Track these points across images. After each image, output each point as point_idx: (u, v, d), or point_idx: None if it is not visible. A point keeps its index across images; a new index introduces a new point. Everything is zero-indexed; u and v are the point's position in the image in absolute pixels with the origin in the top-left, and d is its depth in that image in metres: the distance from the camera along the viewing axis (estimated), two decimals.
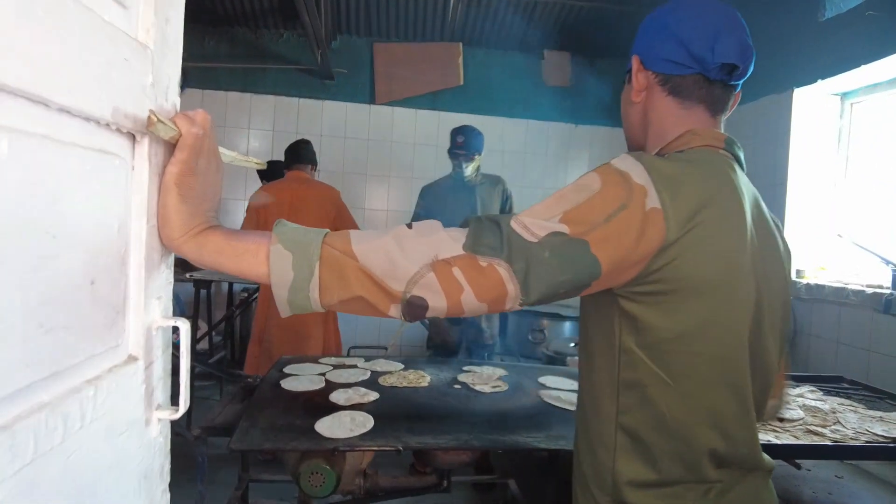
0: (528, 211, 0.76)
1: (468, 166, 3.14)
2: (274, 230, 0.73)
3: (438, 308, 0.72)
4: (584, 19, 4.89)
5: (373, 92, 5.24)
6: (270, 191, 3.24)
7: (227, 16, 4.92)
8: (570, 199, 0.75)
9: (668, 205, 0.74)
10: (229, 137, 5.18)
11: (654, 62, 0.91)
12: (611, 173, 0.76)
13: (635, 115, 0.96)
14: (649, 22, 0.94)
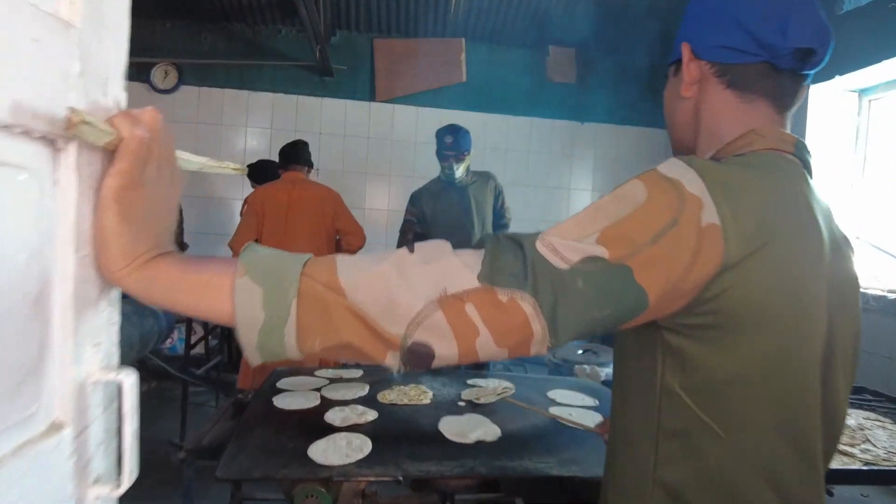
0: (558, 228, 0.63)
1: (459, 167, 3.02)
2: (241, 257, 0.59)
3: (447, 356, 0.59)
4: (591, 14, 4.75)
5: (373, 89, 5.12)
6: (266, 193, 3.11)
7: (223, 11, 4.80)
8: (609, 213, 0.62)
9: (728, 220, 0.61)
10: (227, 136, 5.06)
11: (709, 50, 0.78)
12: (658, 181, 0.63)
13: (684, 112, 0.83)
14: (701, 3, 0.81)
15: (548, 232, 0.63)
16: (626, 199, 0.63)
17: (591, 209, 0.64)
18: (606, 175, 5.47)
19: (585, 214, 0.63)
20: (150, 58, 4.89)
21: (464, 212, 3.06)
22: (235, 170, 0.83)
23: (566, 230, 0.62)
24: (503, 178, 4.91)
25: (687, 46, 0.80)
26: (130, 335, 1.66)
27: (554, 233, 0.62)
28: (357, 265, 0.60)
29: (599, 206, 0.64)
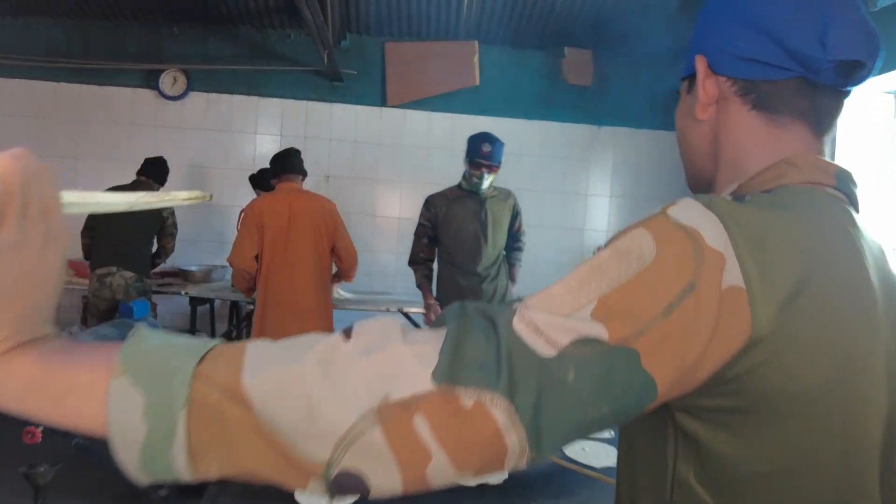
0: (543, 297, 0.49)
1: (489, 178, 2.90)
2: (120, 350, 0.44)
3: (387, 487, 0.44)
4: (608, 14, 4.59)
5: (384, 94, 5.01)
6: (265, 204, 3.00)
7: (230, 15, 4.72)
8: (608, 276, 0.48)
9: (754, 280, 0.48)
10: (236, 142, 4.99)
11: (730, 63, 0.64)
12: (670, 231, 0.49)
13: (700, 138, 0.69)
14: (718, 5, 0.66)
15: (529, 303, 0.49)
16: (630, 256, 0.49)
17: (585, 269, 0.50)
18: (625, 180, 5.30)
19: (578, 277, 0.49)
20: (159, 64, 4.83)
21: (479, 225, 2.94)
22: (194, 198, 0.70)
23: (553, 300, 0.48)
24: (517, 184, 4.80)
25: (702, 60, 0.66)
26: None
27: (537, 304, 0.48)
28: (271, 360, 0.45)
29: (596, 264, 0.50)
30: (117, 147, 4.77)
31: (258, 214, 2.97)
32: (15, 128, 4.83)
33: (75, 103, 4.86)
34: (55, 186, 0.46)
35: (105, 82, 4.85)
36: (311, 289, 2.94)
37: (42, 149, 4.84)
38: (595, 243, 5.30)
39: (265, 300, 2.96)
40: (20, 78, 4.77)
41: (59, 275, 0.46)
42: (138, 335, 0.45)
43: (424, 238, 3.06)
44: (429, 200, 3.06)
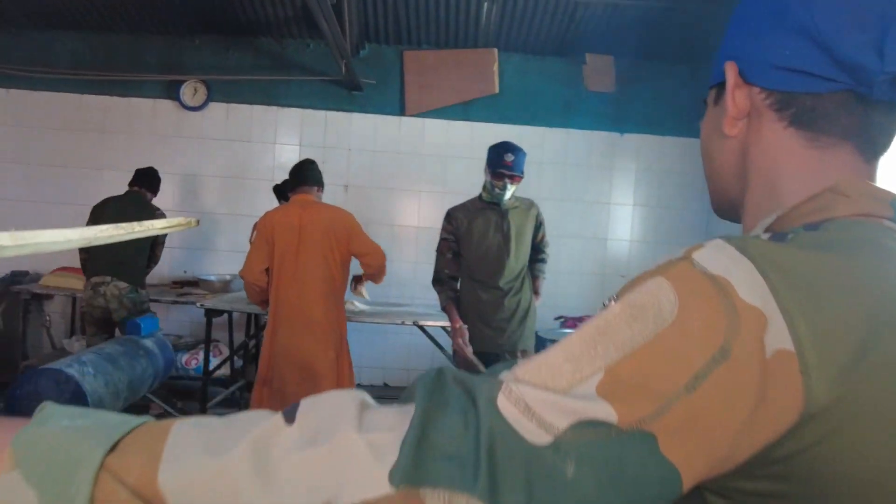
0: (536, 365, 0.40)
1: (511, 189, 2.81)
2: (15, 437, 0.37)
3: None
4: (631, 20, 4.50)
5: (403, 103, 4.97)
6: (276, 217, 2.97)
7: (249, 25, 4.74)
8: (618, 338, 0.40)
9: (807, 342, 0.39)
10: (256, 152, 5.00)
11: (766, 72, 0.54)
12: (695, 281, 0.41)
13: (727, 156, 0.60)
14: (753, 5, 0.57)
15: (520, 374, 0.40)
16: (646, 314, 0.40)
17: (590, 329, 0.41)
18: (650, 188, 5.18)
19: (582, 339, 0.40)
20: (179, 75, 4.87)
21: (502, 237, 2.84)
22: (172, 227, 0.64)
23: (549, 371, 0.39)
24: (539, 193, 4.71)
25: (732, 67, 0.57)
26: (118, 382, 1.52)
27: (530, 376, 0.39)
28: (197, 449, 0.37)
29: (604, 323, 0.41)
30: (138, 157, 4.79)
31: (269, 227, 2.93)
32: (41, 139, 4.90)
33: (98, 114, 4.92)
34: None
35: (127, 93, 4.91)
36: (321, 302, 2.88)
37: (66, 160, 4.91)
38: (618, 253, 5.19)
39: (276, 314, 2.92)
40: (45, 90, 4.85)
41: None
42: (42, 415, 0.38)
43: (449, 253, 2.95)
44: (450, 213, 2.97)
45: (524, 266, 2.96)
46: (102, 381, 1.45)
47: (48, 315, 4.88)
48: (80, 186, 4.91)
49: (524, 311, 2.94)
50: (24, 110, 4.89)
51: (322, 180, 3.15)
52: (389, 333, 4.99)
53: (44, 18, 4.70)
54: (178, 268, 4.99)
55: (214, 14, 4.57)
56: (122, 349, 1.62)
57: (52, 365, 1.47)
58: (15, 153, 4.91)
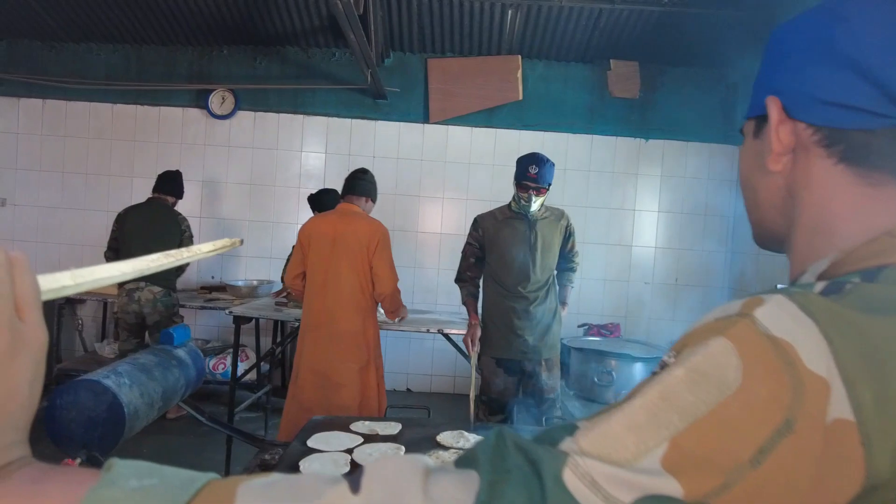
0: (599, 434, 0.40)
1: (537, 200, 2.80)
2: (86, 497, 0.36)
3: None
4: (655, 26, 4.47)
5: (426, 110, 5.01)
6: (314, 225, 3.00)
7: (277, 35, 4.82)
8: (681, 406, 0.39)
9: (868, 411, 0.38)
10: (282, 160, 5.08)
11: (812, 108, 0.53)
12: (760, 347, 0.39)
13: (771, 190, 0.58)
14: (796, 37, 0.55)
15: (584, 445, 0.39)
16: (709, 381, 0.39)
17: (653, 396, 0.40)
18: (674, 195, 5.13)
19: (645, 408, 0.40)
20: (208, 84, 4.97)
21: (528, 248, 2.84)
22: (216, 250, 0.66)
23: (614, 442, 0.39)
24: (563, 200, 4.71)
25: (775, 102, 0.55)
26: (152, 392, 1.56)
27: (594, 447, 0.39)
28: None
29: (666, 390, 0.40)
30: (168, 165, 4.90)
31: (307, 235, 2.97)
32: (77, 148, 5.05)
33: (130, 123, 5.05)
34: (31, 277, 0.40)
35: (158, 103, 5.03)
36: (349, 313, 2.89)
37: (99, 167, 5.05)
38: (643, 260, 5.14)
39: (305, 321, 2.96)
40: (80, 100, 4.99)
41: (29, 390, 0.39)
42: (110, 475, 0.38)
43: (472, 258, 2.99)
44: (477, 220, 2.99)
45: (550, 276, 2.95)
46: (138, 392, 1.49)
47: (80, 319, 5.02)
48: (113, 193, 5.05)
49: (549, 320, 2.93)
50: (59, 120, 5.04)
51: (372, 192, 3.13)
52: (413, 339, 5.02)
53: (80, 32, 4.85)
54: (206, 273, 5.09)
55: (243, 25, 4.66)
56: (156, 359, 1.67)
57: (90, 376, 1.52)
58: (51, 161, 5.06)
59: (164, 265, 0.54)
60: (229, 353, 4.58)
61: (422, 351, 5.11)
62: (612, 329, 4.63)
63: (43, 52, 5.01)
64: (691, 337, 0.43)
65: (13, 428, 0.38)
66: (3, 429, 0.38)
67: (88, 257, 5.05)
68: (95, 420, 1.34)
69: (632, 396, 0.41)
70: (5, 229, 5.09)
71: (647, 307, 5.11)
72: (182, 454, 3.64)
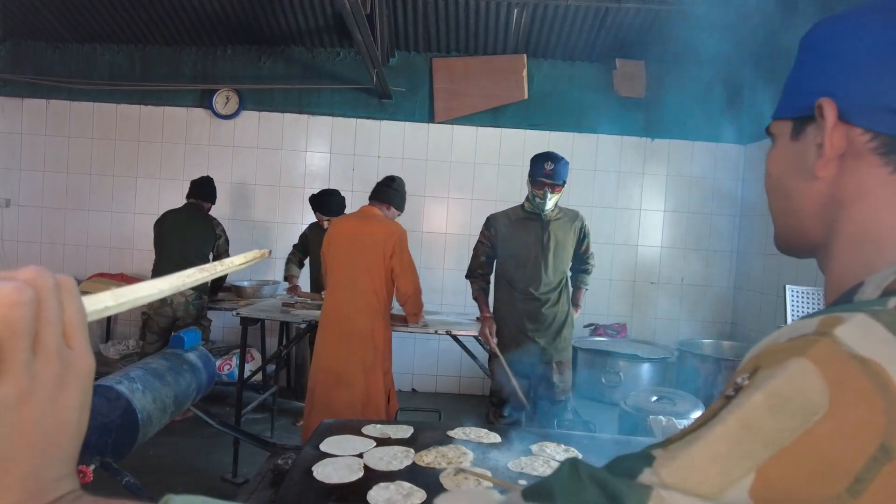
0: (681, 465, 0.38)
1: (552, 198, 2.79)
2: None
3: None
4: (661, 25, 4.45)
5: (432, 110, 4.99)
6: (336, 226, 3.06)
7: (282, 35, 4.80)
8: (764, 433, 0.37)
9: None
10: (287, 160, 5.06)
11: (874, 114, 0.51)
12: (844, 367, 0.37)
13: (811, 196, 0.56)
14: (852, 36, 0.53)
15: (664, 475, 0.37)
16: (792, 406, 0.37)
17: (732, 422, 0.38)
18: (680, 194, 5.11)
19: (726, 437, 0.37)
20: (212, 84, 4.95)
21: (540, 249, 2.83)
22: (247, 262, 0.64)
23: (696, 473, 0.37)
24: (568, 199, 4.68)
25: (831, 105, 0.52)
26: (165, 397, 1.55)
27: (676, 480, 0.37)
28: None
29: (747, 418, 0.38)
30: (172, 165, 4.91)
31: (329, 235, 3.04)
32: (81, 148, 5.03)
33: (134, 123, 5.03)
34: (78, 301, 0.38)
35: (162, 103, 5.01)
36: (359, 313, 2.91)
37: (103, 168, 5.04)
38: (649, 260, 5.12)
39: (322, 320, 3.02)
40: (85, 101, 4.98)
41: (78, 419, 0.37)
42: None
43: (483, 256, 2.99)
44: (490, 220, 2.98)
45: (563, 278, 2.94)
46: (151, 398, 1.48)
47: None
48: (117, 194, 5.04)
49: (561, 322, 2.92)
50: (63, 120, 5.03)
51: (395, 199, 3.16)
52: (418, 340, 5.01)
53: (84, 32, 4.83)
54: None
55: (247, 24, 4.64)
56: (168, 364, 1.66)
57: (103, 381, 1.50)
58: (55, 162, 5.05)
59: (198, 280, 0.53)
60: (235, 353, 4.57)
61: (427, 351, 5.09)
62: (619, 329, 4.62)
63: (47, 52, 5.00)
64: (764, 358, 0.41)
65: (63, 461, 0.37)
66: (53, 462, 0.36)
67: (93, 258, 5.04)
68: (109, 426, 1.33)
69: (708, 422, 0.39)
70: (9, 230, 5.08)
71: (653, 307, 5.10)
72: (189, 456, 3.63)
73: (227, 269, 0.57)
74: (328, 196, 4.12)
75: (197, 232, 3.99)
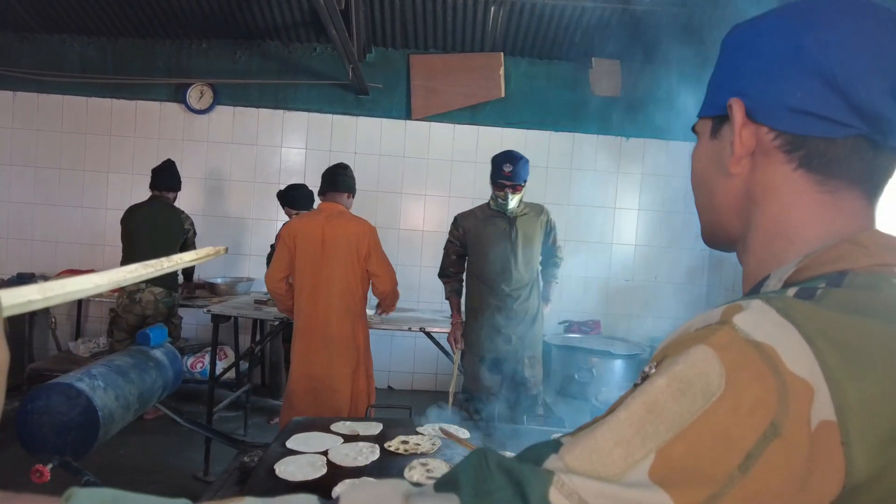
0: (584, 449, 0.39)
1: (514, 198, 2.80)
2: None
3: None
4: (637, 24, 4.49)
5: (409, 107, 4.98)
6: (300, 226, 2.90)
7: (258, 29, 4.75)
8: (666, 416, 0.38)
9: (850, 412, 0.38)
10: (262, 156, 5.02)
11: (777, 113, 0.52)
12: (740, 352, 0.39)
13: (728, 192, 0.58)
14: (761, 38, 0.55)
15: (570, 461, 0.38)
16: (693, 389, 0.38)
17: (637, 407, 0.39)
18: (654, 193, 5.17)
19: (630, 420, 0.39)
20: (186, 78, 4.88)
21: (509, 245, 2.84)
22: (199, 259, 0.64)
23: (600, 456, 0.38)
24: (544, 197, 4.71)
25: (739, 104, 0.54)
26: (128, 395, 1.53)
27: (580, 463, 0.38)
28: None
29: (650, 401, 0.39)
30: (145, 160, 4.82)
31: (292, 236, 2.87)
32: (50, 142, 4.93)
33: (105, 118, 4.94)
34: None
35: (134, 97, 4.93)
36: (340, 317, 2.84)
37: (73, 162, 4.94)
38: (623, 258, 5.18)
39: (296, 325, 2.91)
40: (54, 93, 4.87)
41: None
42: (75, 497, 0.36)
43: (453, 255, 2.99)
44: (457, 219, 2.98)
45: (534, 274, 2.96)
46: (113, 395, 1.46)
47: (54, 317, 4.90)
48: (88, 189, 4.94)
49: (532, 318, 2.94)
50: (32, 113, 4.92)
51: (353, 186, 3.08)
52: (395, 337, 5.00)
53: (54, 23, 4.73)
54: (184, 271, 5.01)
55: (222, 18, 4.58)
56: (133, 361, 1.63)
57: (62, 379, 1.48)
58: (23, 156, 4.94)
59: (141, 276, 0.53)
60: (207, 351, 4.52)
61: (404, 349, 5.09)
62: (593, 326, 4.66)
63: (14, 43, 4.88)
64: (671, 347, 0.42)
65: None
66: None
67: (63, 254, 4.95)
68: (68, 425, 1.30)
69: (615, 409, 0.41)
70: None
71: (627, 304, 5.15)
72: (160, 455, 3.59)
73: (174, 266, 0.56)
74: (294, 190, 4.08)
75: (165, 227, 3.88)
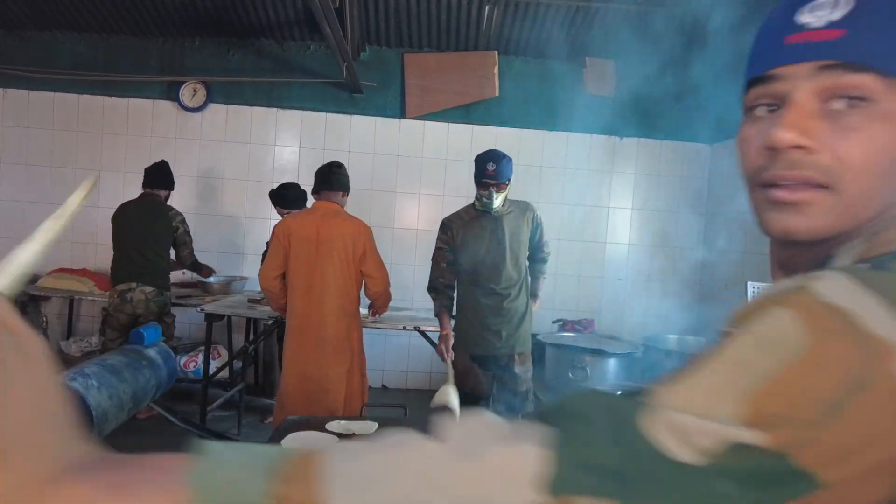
0: (678, 391, 0.40)
1: (498, 197, 2.80)
2: (189, 473, 0.37)
3: None
4: (630, 24, 4.50)
5: (403, 105, 4.97)
6: (294, 225, 2.89)
7: (251, 28, 4.73)
8: (755, 368, 0.39)
9: None
10: (255, 154, 5.00)
11: None
12: (823, 315, 0.41)
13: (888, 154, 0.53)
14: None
15: (664, 399, 0.40)
16: (778, 345, 0.40)
17: (725, 360, 0.41)
18: (648, 192, 5.19)
19: (717, 370, 0.40)
20: (179, 76, 4.86)
21: (496, 243, 2.84)
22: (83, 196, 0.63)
23: (695, 396, 0.39)
24: (538, 197, 4.73)
25: None
26: (122, 394, 1.52)
27: (675, 401, 0.39)
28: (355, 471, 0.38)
29: (737, 356, 0.41)
30: (137, 158, 4.80)
31: (286, 235, 2.86)
32: (41, 140, 4.89)
33: (98, 115, 4.91)
34: None
35: (127, 94, 4.90)
36: (334, 317, 2.83)
37: (65, 160, 4.90)
38: (617, 257, 5.20)
39: (289, 324, 2.90)
40: (46, 90, 4.84)
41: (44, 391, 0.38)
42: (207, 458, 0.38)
43: (443, 262, 2.96)
44: (444, 223, 2.97)
45: (523, 272, 2.97)
46: (107, 395, 1.45)
47: (45, 317, 4.87)
48: (80, 187, 4.91)
49: (521, 315, 2.95)
50: (23, 111, 4.88)
51: (347, 184, 3.08)
52: (389, 336, 5.00)
53: (46, 19, 4.69)
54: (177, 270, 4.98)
55: (216, 16, 4.56)
56: (126, 360, 1.62)
57: None
58: (14, 153, 4.90)
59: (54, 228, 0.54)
60: (201, 350, 4.51)
61: (398, 348, 5.09)
62: (587, 325, 4.67)
63: (5, 39, 4.84)
64: (748, 312, 0.43)
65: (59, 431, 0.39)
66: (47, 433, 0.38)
67: (54, 253, 4.91)
68: None
69: (704, 363, 0.41)
70: None
71: (620, 303, 5.17)
72: None
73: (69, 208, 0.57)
74: (286, 189, 4.07)
75: (154, 226, 3.84)
